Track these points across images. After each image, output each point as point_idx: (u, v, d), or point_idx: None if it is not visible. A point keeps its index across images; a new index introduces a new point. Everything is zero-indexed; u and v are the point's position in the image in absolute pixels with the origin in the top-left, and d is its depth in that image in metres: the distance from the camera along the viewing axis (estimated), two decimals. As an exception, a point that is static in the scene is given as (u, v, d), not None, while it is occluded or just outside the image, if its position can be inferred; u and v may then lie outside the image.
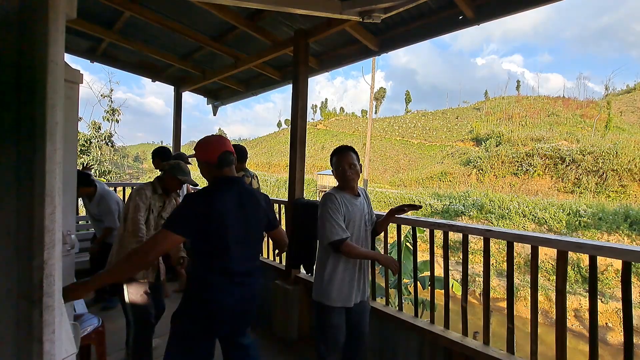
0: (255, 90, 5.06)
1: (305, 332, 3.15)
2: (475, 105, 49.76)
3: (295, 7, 2.14)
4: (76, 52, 4.36)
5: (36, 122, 0.83)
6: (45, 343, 0.84)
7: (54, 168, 0.82)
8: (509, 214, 16.70)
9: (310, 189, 27.47)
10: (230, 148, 1.72)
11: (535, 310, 1.93)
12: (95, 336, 2.18)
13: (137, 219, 2.25)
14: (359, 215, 1.96)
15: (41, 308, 0.82)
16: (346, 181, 1.94)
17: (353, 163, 1.94)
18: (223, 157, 1.66)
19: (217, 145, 1.67)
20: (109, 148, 16.81)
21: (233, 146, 2.42)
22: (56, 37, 0.82)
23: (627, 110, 38.11)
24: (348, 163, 1.93)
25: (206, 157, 1.67)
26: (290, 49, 3.33)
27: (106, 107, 16.40)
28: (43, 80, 0.81)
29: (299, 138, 3.18)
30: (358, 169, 1.97)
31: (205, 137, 1.73)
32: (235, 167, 1.75)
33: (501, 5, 2.51)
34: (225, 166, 1.68)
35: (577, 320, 11.96)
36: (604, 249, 1.65)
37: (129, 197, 2.36)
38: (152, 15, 3.30)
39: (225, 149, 1.68)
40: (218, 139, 1.72)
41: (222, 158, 1.65)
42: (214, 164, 1.66)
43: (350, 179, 1.93)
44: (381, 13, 2.12)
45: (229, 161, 1.68)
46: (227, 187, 1.64)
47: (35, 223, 0.82)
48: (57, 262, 0.84)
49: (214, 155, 1.65)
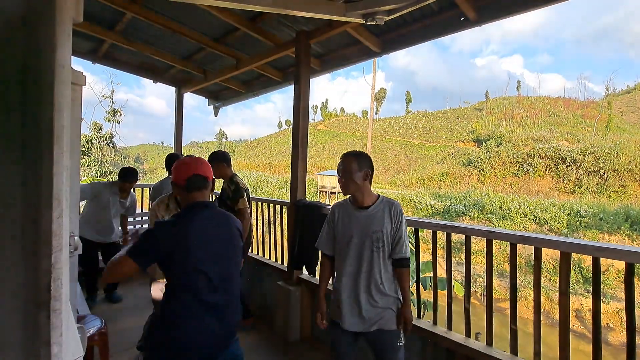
0: (257, 91, 5.06)
1: (306, 332, 3.15)
2: (476, 106, 49.73)
3: (298, 10, 2.15)
4: (78, 53, 4.37)
5: (43, 125, 0.84)
6: (53, 346, 0.84)
7: (61, 171, 0.82)
8: (509, 214, 16.69)
9: (311, 189, 27.47)
10: (204, 172, 1.60)
11: (539, 311, 1.93)
12: (99, 337, 2.18)
13: None
14: (359, 231, 1.74)
15: (49, 311, 0.82)
16: (342, 190, 1.80)
17: (343, 169, 1.76)
18: (191, 181, 1.55)
19: (187, 167, 1.58)
20: (110, 149, 16.83)
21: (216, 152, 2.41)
22: (63, 41, 0.82)
23: (628, 110, 38.10)
24: (339, 170, 1.78)
25: (175, 179, 1.59)
26: (292, 50, 3.33)
27: (107, 108, 16.43)
28: (50, 83, 0.82)
29: (300, 138, 3.19)
30: (349, 177, 1.73)
31: (183, 157, 1.67)
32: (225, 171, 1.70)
33: (503, 6, 2.50)
34: (194, 190, 1.56)
35: (578, 321, 11.95)
36: (606, 250, 1.65)
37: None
38: (153, 16, 3.31)
39: (195, 172, 1.57)
40: (192, 160, 1.62)
41: (190, 181, 1.55)
42: (183, 187, 1.56)
43: (341, 187, 1.78)
44: (384, 15, 2.12)
45: (197, 185, 1.57)
46: (195, 214, 1.52)
47: (42, 227, 0.82)
48: (64, 265, 0.84)
49: (182, 177, 1.55)
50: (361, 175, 1.74)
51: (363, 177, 1.75)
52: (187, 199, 1.57)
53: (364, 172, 1.75)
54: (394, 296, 1.78)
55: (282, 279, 3.33)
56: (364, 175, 1.75)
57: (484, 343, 2.10)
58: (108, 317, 3.30)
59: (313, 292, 3.20)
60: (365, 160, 1.77)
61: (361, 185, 1.75)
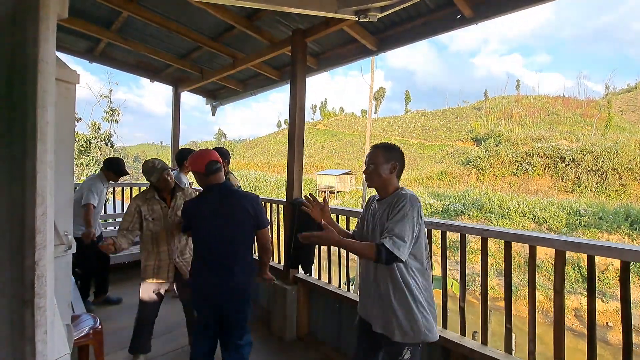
0: (254, 90, 5.05)
1: (303, 332, 3.15)
2: (475, 105, 49.73)
3: (290, 6, 2.13)
4: (74, 52, 4.36)
5: (27, 123, 0.83)
6: (38, 343, 0.83)
7: (45, 168, 0.82)
8: (508, 213, 16.71)
9: (310, 189, 27.48)
10: (216, 157, 2.05)
11: (533, 310, 1.93)
12: (94, 336, 2.17)
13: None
14: (372, 223, 1.75)
15: (33, 309, 0.81)
16: (367, 182, 1.79)
17: (369, 160, 1.73)
18: (208, 166, 2.01)
19: (203, 157, 2.03)
20: (108, 148, 16.79)
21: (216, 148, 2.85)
22: (47, 36, 0.81)
23: (628, 109, 38.09)
24: (366, 162, 1.77)
25: (196, 168, 2.02)
26: (289, 48, 3.32)
27: (106, 107, 16.40)
28: (34, 79, 0.81)
29: (297, 138, 3.18)
30: (374, 169, 1.70)
31: (196, 150, 2.13)
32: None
33: (499, 4, 2.49)
34: (211, 174, 2.02)
35: (577, 320, 11.96)
36: (601, 248, 1.64)
37: None
38: (149, 15, 3.29)
39: (210, 159, 2.03)
40: (205, 151, 2.10)
41: (207, 167, 2.01)
42: (203, 173, 2.01)
43: (365, 179, 1.77)
44: (377, 12, 2.11)
45: (213, 170, 2.02)
46: (206, 194, 2.05)
47: (27, 224, 0.81)
48: (48, 263, 0.83)
49: (202, 165, 2.01)
50: (388, 167, 1.69)
51: (390, 169, 1.69)
52: (205, 182, 2.04)
53: (392, 164, 1.69)
54: (395, 304, 1.62)
55: (279, 278, 3.33)
56: (391, 167, 1.69)
57: (479, 342, 2.10)
58: (104, 316, 3.30)
59: (310, 291, 3.20)
60: (394, 153, 1.72)
61: (386, 178, 1.70)
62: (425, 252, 1.68)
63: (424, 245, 1.67)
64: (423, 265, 1.66)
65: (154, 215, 2.48)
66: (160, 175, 2.45)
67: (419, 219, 1.58)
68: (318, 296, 3.15)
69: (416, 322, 1.60)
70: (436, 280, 4.71)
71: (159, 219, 2.48)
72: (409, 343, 1.62)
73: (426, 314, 1.62)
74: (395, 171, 1.71)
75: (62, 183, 1.80)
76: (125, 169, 3.67)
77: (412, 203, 1.58)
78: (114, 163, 3.62)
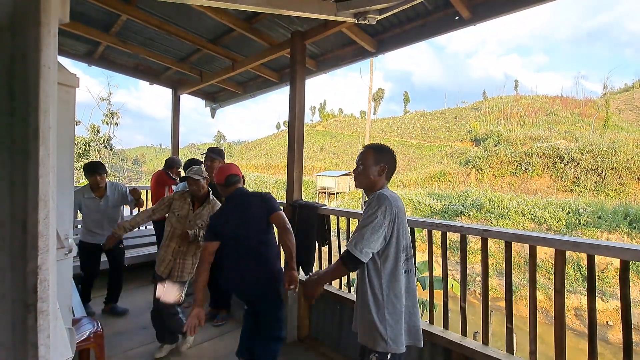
0: (253, 92, 5.06)
1: (304, 333, 3.15)
2: (474, 105, 49.77)
3: (290, 10, 2.14)
4: (74, 55, 4.36)
5: (29, 127, 0.83)
6: (41, 347, 0.83)
7: (47, 172, 0.82)
8: (508, 213, 16.71)
9: (309, 190, 27.48)
10: (235, 171, 2.34)
11: (534, 310, 1.93)
12: (95, 340, 2.17)
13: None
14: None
15: (35, 313, 0.81)
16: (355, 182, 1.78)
17: (359, 161, 1.71)
18: (228, 179, 2.30)
19: (224, 171, 2.33)
20: (108, 151, 16.77)
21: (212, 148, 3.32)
22: (48, 41, 0.82)
23: (626, 108, 38.15)
24: (356, 162, 1.74)
25: (218, 180, 2.33)
26: (288, 50, 3.33)
27: (105, 110, 16.39)
28: (36, 84, 0.81)
29: (296, 139, 3.19)
30: (363, 170, 1.68)
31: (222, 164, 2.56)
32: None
33: (497, 5, 2.51)
34: (230, 185, 2.31)
35: (577, 319, 11.95)
36: (601, 247, 1.65)
37: None
38: (148, 18, 3.30)
39: (229, 172, 2.32)
40: (227, 165, 2.39)
41: (227, 179, 2.30)
42: (223, 184, 2.31)
43: (354, 179, 1.75)
44: (376, 14, 2.12)
45: (232, 182, 2.31)
46: (227, 202, 2.35)
47: (29, 228, 0.82)
48: (51, 267, 0.83)
49: (222, 178, 2.30)
50: (377, 169, 1.65)
51: (379, 171, 1.65)
52: (226, 192, 2.33)
53: (381, 166, 1.66)
54: (360, 306, 1.63)
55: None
56: (380, 169, 1.65)
57: (480, 342, 2.10)
58: (104, 320, 3.30)
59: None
60: (385, 155, 1.69)
61: (374, 180, 1.66)
62: (402, 254, 1.58)
63: (398, 247, 1.57)
64: (394, 269, 1.57)
65: (180, 212, 2.76)
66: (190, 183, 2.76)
67: (386, 218, 1.51)
68: (318, 298, 3.14)
69: (375, 329, 1.53)
70: (437, 281, 4.71)
71: (182, 217, 2.74)
72: (374, 350, 1.55)
73: (391, 321, 1.54)
74: (383, 173, 1.67)
75: (62, 186, 1.80)
76: (96, 167, 3.43)
77: (379, 203, 1.53)
78: (84, 170, 3.46)
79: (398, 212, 1.56)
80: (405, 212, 1.64)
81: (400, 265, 1.57)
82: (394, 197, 1.59)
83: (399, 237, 1.56)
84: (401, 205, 1.62)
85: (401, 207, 1.61)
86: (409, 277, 1.62)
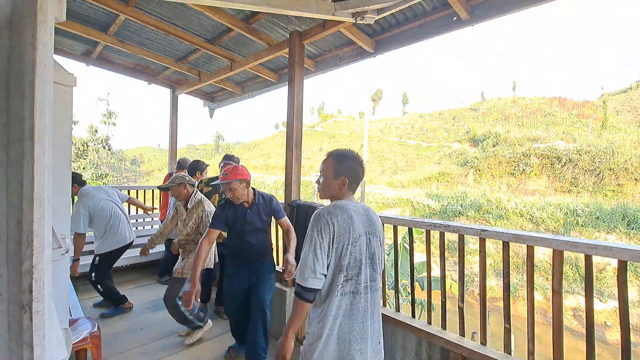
0: (252, 92, 5.05)
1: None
2: (472, 106, 49.83)
3: (288, 9, 2.14)
4: (72, 55, 4.35)
5: (25, 125, 0.83)
6: (36, 348, 0.83)
7: (43, 171, 0.81)
8: (506, 214, 16.75)
9: (307, 191, 27.47)
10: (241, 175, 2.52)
11: (532, 311, 1.93)
12: (92, 340, 2.16)
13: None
14: None
15: (31, 313, 0.81)
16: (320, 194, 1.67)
17: (321, 171, 1.61)
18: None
19: (248, 171, 2.57)
20: (106, 151, 16.76)
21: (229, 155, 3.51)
22: (45, 40, 0.81)
23: (624, 109, 38.28)
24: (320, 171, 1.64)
25: (246, 177, 2.52)
26: (286, 50, 3.33)
27: (103, 110, 16.36)
28: (32, 83, 0.81)
29: (295, 139, 3.18)
30: (325, 181, 1.58)
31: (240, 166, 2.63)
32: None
33: (495, 6, 2.51)
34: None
35: (575, 320, 11.99)
36: (599, 247, 1.65)
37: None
38: (146, 18, 3.30)
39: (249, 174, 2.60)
40: (232, 168, 2.53)
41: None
42: (249, 181, 2.54)
43: (318, 190, 1.65)
44: (374, 14, 2.12)
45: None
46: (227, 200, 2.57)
47: (24, 227, 0.81)
48: (46, 266, 0.83)
49: (249, 176, 2.56)
50: (337, 183, 1.53)
51: (339, 185, 1.53)
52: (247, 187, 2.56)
53: (340, 180, 1.52)
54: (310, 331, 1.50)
55: (277, 280, 3.32)
56: (339, 183, 1.52)
57: (478, 342, 2.10)
58: (102, 321, 3.29)
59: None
60: (345, 166, 1.53)
61: (334, 193, 1.55)
62: (341, 274, 1.42)
63: (337, 266, 1.43)
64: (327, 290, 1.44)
65: (181, 215, 3.12)
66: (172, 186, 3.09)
67: (324, 238, 1.40)
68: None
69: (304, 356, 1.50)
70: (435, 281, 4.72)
71: (182, 219, 3.10)
72: None
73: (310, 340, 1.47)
74: (344, 186, 1.53)
75: (59, 186, 1.79)
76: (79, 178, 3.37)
77: (313, 224, 1.44)
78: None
79: (340, 230, 1.42)
80: (364, 225, 1.50)
81: (336, 286, 1.42)
82: (345, 210, 1.47)
83: (340, 255, 1.42)
84: (357, 219, 1.48)
85: (350, 223, 1.45)
86: (353, 299, 1.45)
